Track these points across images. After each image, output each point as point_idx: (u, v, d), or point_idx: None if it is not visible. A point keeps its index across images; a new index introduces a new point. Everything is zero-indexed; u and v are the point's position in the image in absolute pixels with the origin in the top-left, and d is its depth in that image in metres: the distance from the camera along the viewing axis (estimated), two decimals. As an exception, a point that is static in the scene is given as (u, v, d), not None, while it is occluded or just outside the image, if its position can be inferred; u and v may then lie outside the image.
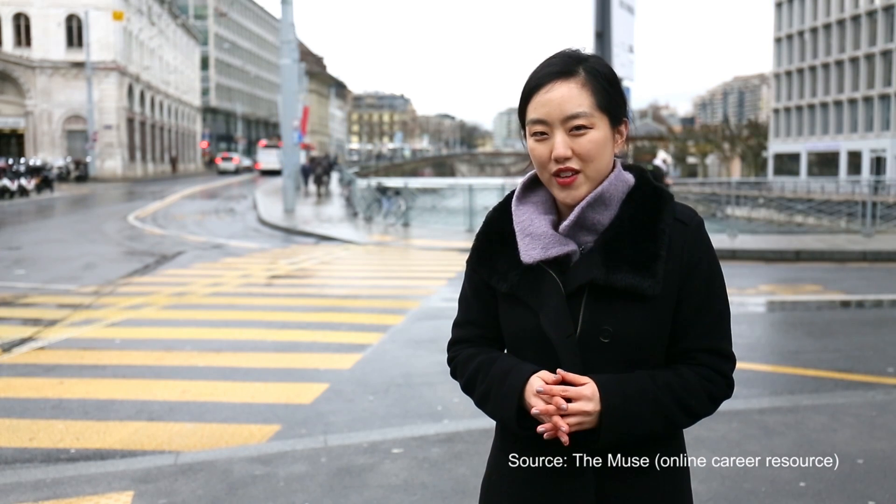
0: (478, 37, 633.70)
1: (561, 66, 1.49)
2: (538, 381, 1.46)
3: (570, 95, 1.46)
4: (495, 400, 1.53)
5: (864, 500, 3.71)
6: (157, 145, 66.67)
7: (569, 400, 1.43)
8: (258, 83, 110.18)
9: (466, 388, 1.62)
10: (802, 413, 5.00)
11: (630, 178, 1.55)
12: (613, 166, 1.54)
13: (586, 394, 1.43)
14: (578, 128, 1.46)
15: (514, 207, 1.59)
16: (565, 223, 1.51)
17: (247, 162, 74.18)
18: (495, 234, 1.61)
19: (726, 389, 1.54)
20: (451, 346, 1.69)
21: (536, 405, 1.44)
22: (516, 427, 1.50)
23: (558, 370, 1.45)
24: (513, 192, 1.63)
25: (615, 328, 1.47)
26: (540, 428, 1.45)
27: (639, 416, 1.45)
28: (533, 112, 1.49)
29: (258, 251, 15.65)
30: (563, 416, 1.42)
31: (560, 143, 1.46)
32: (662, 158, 15.41)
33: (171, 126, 71.36)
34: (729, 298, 1.58)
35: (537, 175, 1.58)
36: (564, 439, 1.43)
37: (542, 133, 1.48)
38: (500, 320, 1.60)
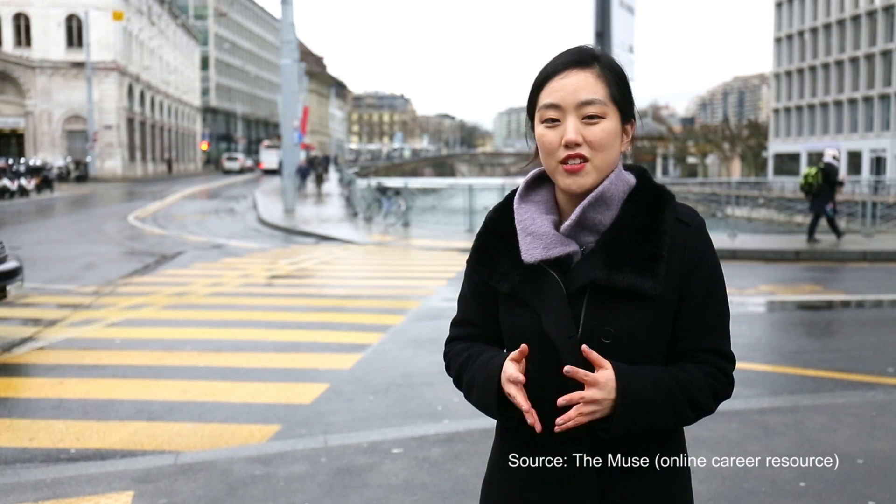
0: (478, 37, 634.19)
1: (578, 57, 1.51)
2: (511, 364, 1.47)
3: (585, 83, 1.48)
4: (479, 390, 1.55)
5: (864, 500, 3.71)
6: (157, 145, 66.71)
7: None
8: (258, 83, 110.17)
9: (456, 382, 1.65)
10: (802, 413, 5.00)
11: (631, 178, 1.56)
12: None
13: (600, 381, 1.42)
14: (591, 116, 1.47)
15: (516, 206, 1.60)
16: (566, 223, 1.51)
17: (249, 162, 75.88)
18: (496, 233, 1.61)
19: (728, 388, 1.55)
20: (447, 343, 1.71)
21: (509, 391, 1.46)
22: (498, 416, 1.53)
23: (567, 367, 1.43)
24: (514, 191, 1.63)
25: (617, 328, 1.47)
26: (527, 419, 1.45)
27: (653, 407, 1.44)
28: (546, 97, 1.50)
29: (258, 251, 15.64)
30: (576, 404, 1.41)
31: (571, 128, 1.47)
32: (832, 154, 14.57)
33: (171, 126, 71.40)
34: (729, 298, 1.59)
35: (540, 174, 1.59)
36: (538, 427, 1.44)
37: (554, 119, 1.49)
38: (501, 321, 1.60)
